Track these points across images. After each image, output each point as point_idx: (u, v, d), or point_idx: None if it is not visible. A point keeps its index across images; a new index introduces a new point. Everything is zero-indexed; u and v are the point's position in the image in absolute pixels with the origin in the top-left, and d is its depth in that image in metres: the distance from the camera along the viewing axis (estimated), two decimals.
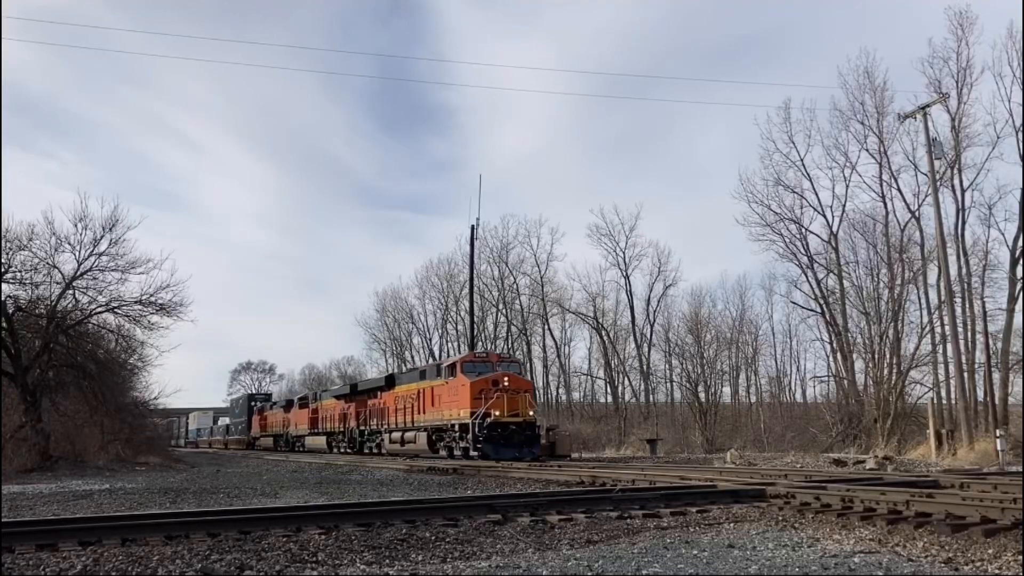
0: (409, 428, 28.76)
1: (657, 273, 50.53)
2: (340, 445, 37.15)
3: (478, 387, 23.98)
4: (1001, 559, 5.72)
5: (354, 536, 7.29)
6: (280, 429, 49.34)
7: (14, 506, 11.82)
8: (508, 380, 24.29)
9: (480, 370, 25.06)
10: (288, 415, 47.68)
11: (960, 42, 30.62)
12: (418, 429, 27.79)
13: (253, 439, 56.76)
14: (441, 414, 25.87)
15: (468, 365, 25.50)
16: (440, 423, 26.01)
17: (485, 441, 22.91)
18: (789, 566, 5.62)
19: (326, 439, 39.13)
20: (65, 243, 25.85)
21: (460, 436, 24.49)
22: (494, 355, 27.31)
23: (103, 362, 27.59)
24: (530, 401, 24.88)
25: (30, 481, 18.46)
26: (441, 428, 26.02)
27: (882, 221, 34.58)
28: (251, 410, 58.90)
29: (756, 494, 10.04)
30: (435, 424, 26.41)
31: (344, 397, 37.83)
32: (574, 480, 14.05)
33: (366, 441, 33.95)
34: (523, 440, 23.57)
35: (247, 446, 57.76)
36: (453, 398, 25.04)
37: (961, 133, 30.87)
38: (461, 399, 24.45)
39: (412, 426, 28.37)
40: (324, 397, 42.14)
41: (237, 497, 13.34)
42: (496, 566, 5.84)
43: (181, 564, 6.00)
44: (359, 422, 34.66)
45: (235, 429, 63.90)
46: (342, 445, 36.88)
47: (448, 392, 25.52)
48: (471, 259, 42.50)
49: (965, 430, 26.16)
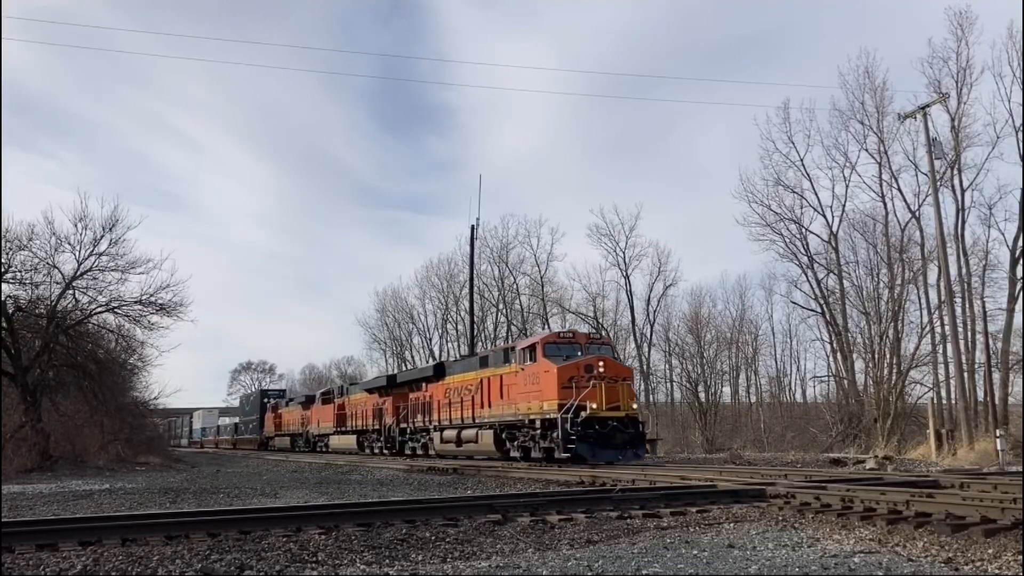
0: (467, 425, 24.37)
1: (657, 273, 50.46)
2: (374, 445, 33.02)
3: (567, 374, 19.62)
4: (1001, 559, 5.72)
5: (354, 536, 7.29)
6: (298, 427, 45.32)
7: (14, 506, 11.82)
8: (604, 365, 19.95)
9: (566, 353, 20.67)
10: (308, 412, 43.44)
11: (960, 42, 30.66)
12: (481, 426, 23.48)
13: (267, 438, 52.91)
14: (515, 407, 21.55)
15: (551, 347, 20.83)
16: (512, 418, 21.74)
17: (579, 440, 18.79)
18: (789, 566, 5.62)
19: (356, 439, 34.93)
20: (65, 243, 25.88)
21: (543, 434, 20.28)
22: (581, 335, 22.26)
23: (103, 362, 27.60)
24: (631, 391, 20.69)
25: (30, 481, 18.46)
26: (513, 425, 21.87)
27: (882, 221, 34.63)
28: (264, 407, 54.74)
29: (756, 494, 10.04)
30: (505, 420, 22.15)
31: (379, 391, 33.11)
32: (574, 480, 14.05)
33: (408, 440, 29.81)
34: (626, 439, 19.37)
35: (259, 446, 54.03)
36: (532, 388, 20.72)
37: (961, 133, 30.90)
38: (545, 389, 20.07)
39: (471, 422, 24.02)
40: (353, 391, 37.54)
41: (237, 497, 13.34)
42: (496, 566, 5.84)
43: (181, 564, 6.00)
44: (398, 419, 30.40)
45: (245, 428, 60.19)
46: (376, 445, 32.77)
47: (525, 381, 21.09)
48: (471, 259, 42.51)
49: (965, 430, 26.16)
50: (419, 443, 28.66)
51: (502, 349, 24.05)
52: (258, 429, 54.99)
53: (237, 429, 63.06)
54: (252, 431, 56.97)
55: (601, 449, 19.07)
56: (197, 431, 76.16)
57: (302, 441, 44.08)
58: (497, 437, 22.59)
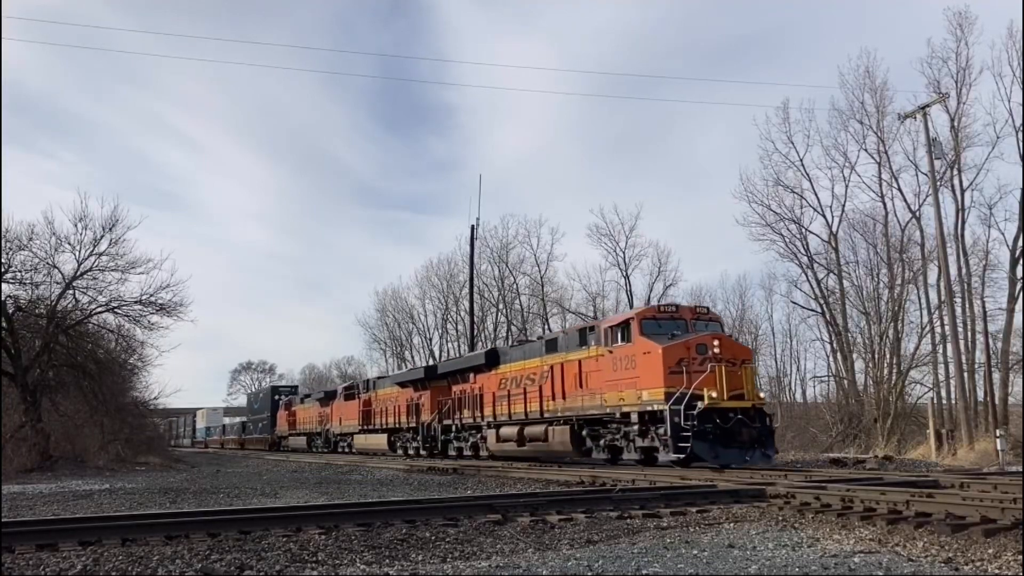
0: (532, 420, 20.81)
1: (657, 273, 50.39)
2: (408, 445, 29.56)
3: (675, 356, 16.12)
4: (1001, 559, 5.72)
5: (354, 536, 7.29)
6: (315, 426, 41.91)
7: (14, 506, 11.82)
8: (720, 345, 16.33)
9: (669, 330, 17.05)
10: (327, 409, 40.09)
11: (959, 42, 30.65)
12: (551, 421, 19.95)
13: (279, 438, 49.60)
14: (599, 398, 17.99)
15: (650, 324, 17.14)
16: (595, 411, 18.21)
17: (695, 437, 15.33)
18: (789, 566, 5.62)
19: (387, 438, 31.45)
20: (65, 243, 25.91)
21: (641, 431, 16.83)
22: (685, 308, 18.28)
23: (103, 362, 27.61)
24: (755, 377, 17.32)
25: (30, 481, 18.46)
26: (596, 419, 18.43)
27: (882, 221, 34.63)
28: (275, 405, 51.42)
29: (756, 494, 10.05)
30: (585, 413, 18.61)
31: (414, 384, 29.66)
32: (574, 480, 14.05)
33: (453, 440, 26.21)
34: (753, 436, 15.93)
35: (270, 446, 51.06)
36: (624, 374, 17.19)
37: (961, 133, 30.91)
38: (645, 374, 16.56)
39: (538, 417, 20.50)
40: (382, 385, 34.02)
41: (237, 497, 13.34)
42: (496, 566, 5.84)
43: (181, 564, 6.01)
44: (440, 415, 26.81)
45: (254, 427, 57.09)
46: (411, 445, 29.25)
47: (614, 365, 17.56)
48: (471, 259, 42.49)
49: (965, 430, 26.16)
50: (467, 442, 25.21)
51: (577, 330, 20.20)
52: (269, 428, 52.14)
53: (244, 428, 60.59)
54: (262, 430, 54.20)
55: (724, 448, 15.62)
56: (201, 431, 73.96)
57: (321, 441, 40.92)
58: (574, 434, 19.07)
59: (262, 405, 55.43)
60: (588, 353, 18.78)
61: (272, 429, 51.12)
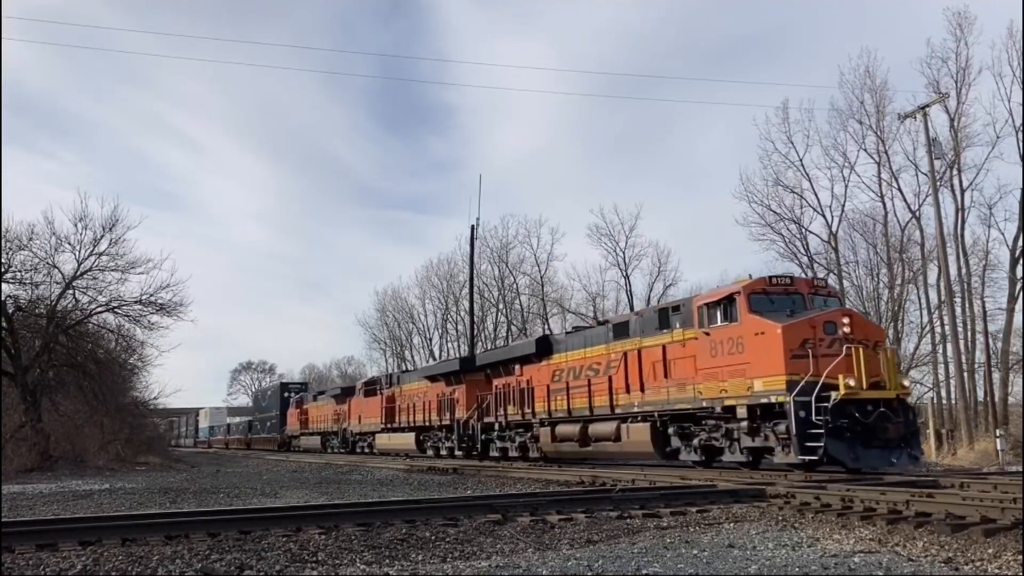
0: (599, 417, 18.04)
1: (657, 273, 50.36)
2: (442, 444, 26.80)
3: (798, 336, 13.36)
4: (1001, 559, 5.72)
5: (354, 536, 7.29)
6: (330, 425, 39.23)
7: (14, 506, 11.82)
8: (851, 323, 13.70)
9: (785, 307, 14.24)
10: (344, 407, 37.26)
11: (959, 42, 30.66)
12: (625, 417, 17.22)
13: (289, 438, 46.88)
14: (692, 389, 15.15)
15: (760, 299, 14.22)
16: (686, 405, 15.36)
17: (831, 436, 12.66)
18: (789, 566, 5.62)
19: (414, 437, 28.63)
20: (65, 243, 25.93)
21: (752, 428, 13.93)
22: (801, 280, 15.36)
23: (103, 362, 27.62)
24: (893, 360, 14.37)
25: (30, 481, 18.46)
26: (687, 415, 15.62)
27: (882, 221, 34.65)
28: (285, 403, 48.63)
29: (756, 494, 10.05)
30: (672, 407, 15.79)
31: (447, 377, 26.78)
32: (574, 480, 14.06)
33: (496, 439, 23.34)
34: (900, 434, 13.30)
35: (280, 446, 48.22)
36: (728, 359, 14.32)
37: (960, 133, 30.93)
38: (758, 359, 13.68)
39: (607, 413, 17.69)
40: (408, 379, 31.19)
41: (237, 497, 13.35)
42: (496, 566, 5.84)
43: (181, 564, 6.01)
44: (479, 411, 24.08)
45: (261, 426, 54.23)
46: (444, 445, 26.58)
47: (714, 349, 14.67)
48: (471, 259, 42.44)
49: (965, 430, 26.18)
50: (513, 442, 22.39)
51: (656, 311, 17.22)
52: (278, 427, 49.42)
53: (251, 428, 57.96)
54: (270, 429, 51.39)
55: (864, 448, 13.00)
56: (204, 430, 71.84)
57: (337, 441, 38.12)
58: (656, 433, 16.38)
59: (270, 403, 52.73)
60: (673, 337, 15.98)
61: (282, 428, 48.71)
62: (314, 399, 44.48)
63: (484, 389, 24.28)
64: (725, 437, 14.79)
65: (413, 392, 29.73)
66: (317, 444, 41.02)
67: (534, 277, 53.76)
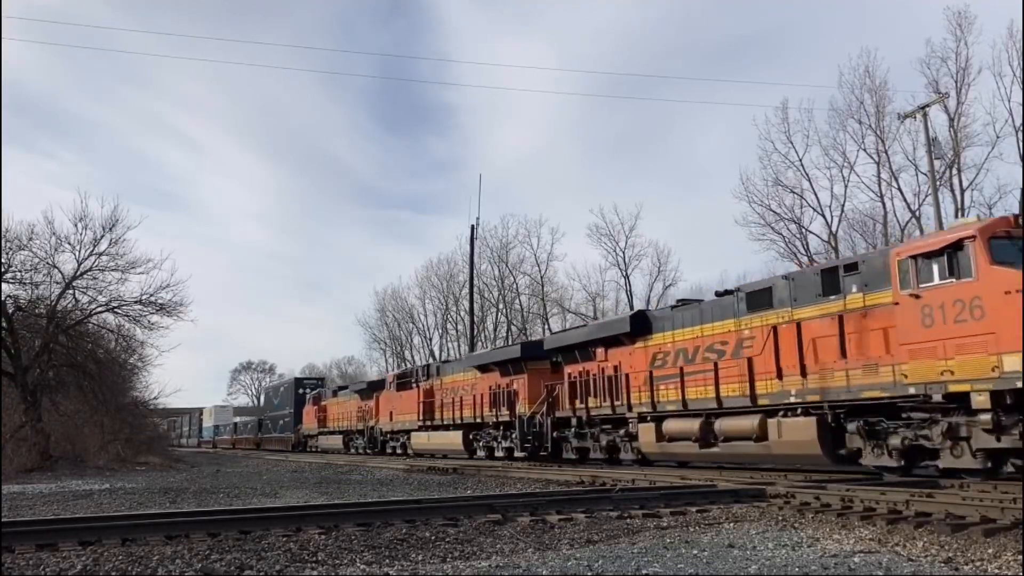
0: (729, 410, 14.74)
1: (657, 273, 50.48)
2: (498, 444, 23.29)
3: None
4: (1001, 559, 5.72)
5: (354, 536, 7.29)
6: (354, 423, 35.60)
7: (14, 506, 11.82)
8: None
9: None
10: (369, 403, 33.62)
11: (959, 42, 30.75)
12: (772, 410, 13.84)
13: (305, 437, 43.68)
14: (893, 372, 11.69)
15: (1004, 246, 10.77)
16: (880, 392, 11.93)
17: None
18: (789, 566, 5.62)
19: (462, 435, 24.95)
20: (65, 243, 25.94)
21: (998, 423, 10.36)
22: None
23: (103, 362, 27.62)
24: None
25: (30, 481, 18.46)
26: (876, 405, 12.16)
27: (881, 221, 34.71)
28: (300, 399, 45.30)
29: (756, 494, 10.05)
30: (856, 397, 12.32)
31: (504, 366, 23.28)
32: (574, 480, 14.05)
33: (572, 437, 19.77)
34: None
35: (294, 446, 45.00)
36: (958, 328, 10.72)
37: (960, 133, 30.97)
38: (1015, 326, 9.97)
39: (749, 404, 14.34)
40: (450, 370, 27.32)
41: (237, 497, 13.35)
42: (496, 566, 5.84)
43: (181, 564, 6.01)
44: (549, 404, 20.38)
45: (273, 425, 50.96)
46: (502, 444, 22.94)
47: (927, 316, 11.15)
48: (471, 259, 42.49)
49: None
50: (598, 441, 18.76)
51: (816, 272, 13.80)
52: (291, 426, 46.18)
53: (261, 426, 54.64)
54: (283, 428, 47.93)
55: None
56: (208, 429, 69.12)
57: (363, 440, 34.49)
58: (826, 429, 12.80)
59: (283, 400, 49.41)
60: (848, 304, 12.61)
61: (296, 427, 45.48)
62: (334, 395, 41.14)
63: (552, 378, 21.00)
64: (946, 435, 11.10)
65: (458, 384, 25.88)
66: (339, 444, 37.57)
67: (534, 277, 53.88)
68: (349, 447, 36.52)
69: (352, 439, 36.35)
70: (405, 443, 29.78)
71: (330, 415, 40.12)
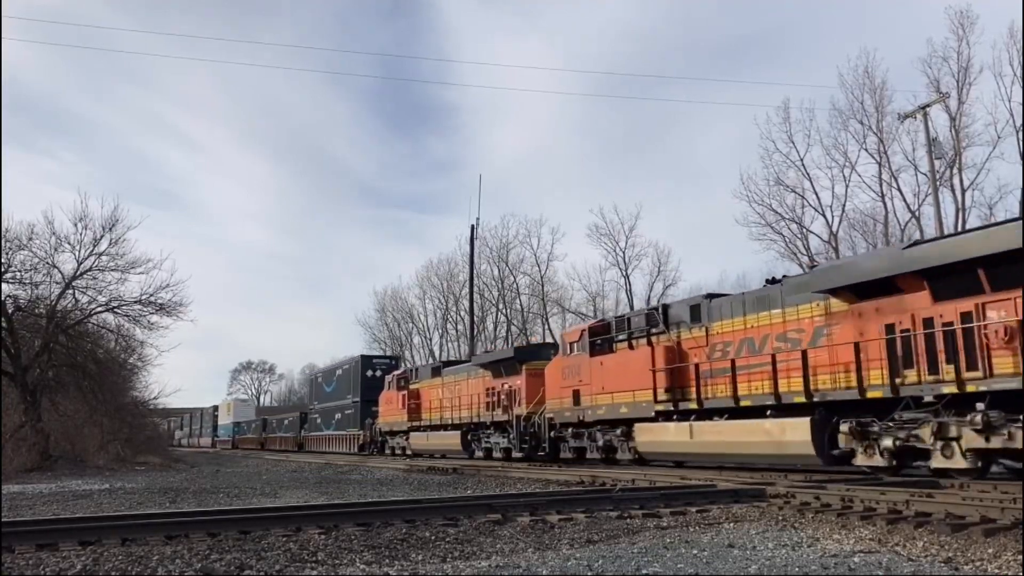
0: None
1: (657, 273, 50.53)
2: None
3: None
4: (1001, 559, 5.71)
5: (354, 536, 7.29)
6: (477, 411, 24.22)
7: (14, 506, 11.82)
8: None
9: None
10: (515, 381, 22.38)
11: (960, 42, 30.75)
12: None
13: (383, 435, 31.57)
14: None
15: None
16: None
17: None
18: (789, 566, 5.61)
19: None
20: (65, 243, 25.95)
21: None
22: None
23: (103, 362, 27.63)
24: None
25: (30, 481, 18.46)
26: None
27: (882, 221, 34.71)
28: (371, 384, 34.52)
29: (756, 493, 10.05)
30: None
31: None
32: (574, 480, 14.05)
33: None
34: None
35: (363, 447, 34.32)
36: None
37: (961, 133, 30.98)
38: None
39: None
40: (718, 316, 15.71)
41: (237, 497, 13.35)
42: (496, 566, 5.84)
43: (181, 564, 6.00)
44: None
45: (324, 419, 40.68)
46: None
47: None
48: (471, 259, 42.51)
49: None
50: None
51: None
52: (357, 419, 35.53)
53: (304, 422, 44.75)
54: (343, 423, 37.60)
55: None
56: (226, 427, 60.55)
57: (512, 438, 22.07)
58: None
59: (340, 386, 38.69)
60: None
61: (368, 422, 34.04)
62: (435, 375, 28.16)
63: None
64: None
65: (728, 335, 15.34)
66: (455, 443, 25.36)
67: (534, 277, 53.92)
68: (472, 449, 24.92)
69: (476, 436, 24.70)
70: (619, 443, 17.92)
71: (430, 402, 27.79)
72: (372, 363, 37.34)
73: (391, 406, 29.18)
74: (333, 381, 41.03)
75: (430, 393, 27.58)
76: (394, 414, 28.33)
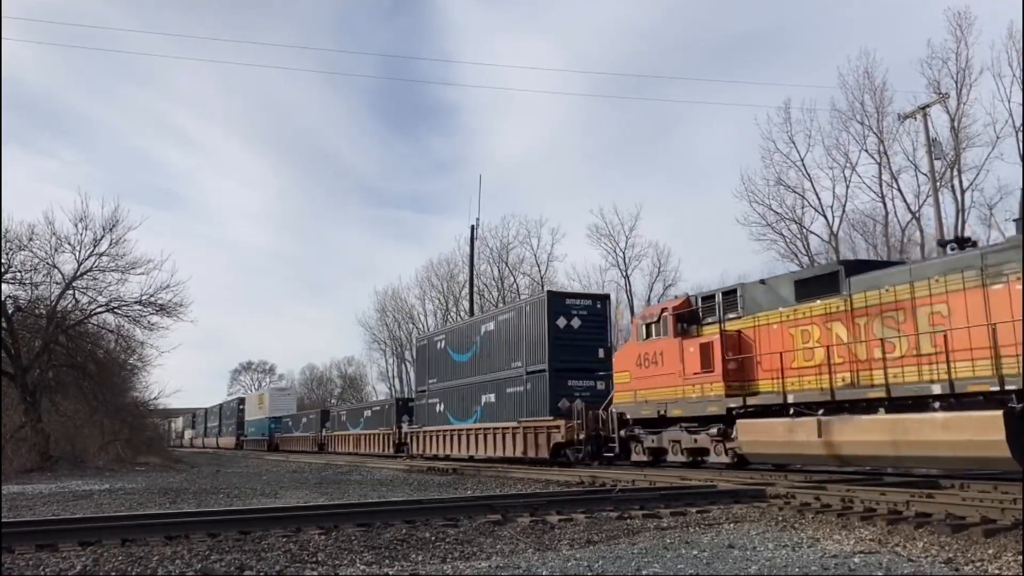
0: None
1: (657, 273, 50.48)
2: None
3: None
4: (1001, 559, 5.72)
5: (354, 536, 7.29)
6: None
7: (14, 506, 11.82)
8: None
9: None
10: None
11: (959, 42, 30.77)
12: None
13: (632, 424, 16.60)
14: None
15: None
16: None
17: None
18: (789, 566, 5.61)
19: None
20: (65, 243, 25.95)
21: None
22: None
23: (103, 362, 27.63)
24: None
25: (30, 481, 18.46)
26: None
27: (882, 221, 34.72)
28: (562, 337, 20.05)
29: (756, 494, 10.04)
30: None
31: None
32: (574, 480, 14.04)
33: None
34: None
35: (559, 448, 19.04)
36: None
37: (961, 133, 30.99)
38: None
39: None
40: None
41: (237, 497, 13.34)
42: (496, 566, 5.84)
43: (181, 564, 6.01)
44: None
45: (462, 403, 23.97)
46: None
47: None
48: (471, 259, 42.51)
49: None
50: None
51: None
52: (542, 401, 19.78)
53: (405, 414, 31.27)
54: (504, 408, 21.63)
55: None
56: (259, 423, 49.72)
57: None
58: None
59: (500, 347, 22.68)
60: None
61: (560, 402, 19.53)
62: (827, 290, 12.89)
63: None
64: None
65: None
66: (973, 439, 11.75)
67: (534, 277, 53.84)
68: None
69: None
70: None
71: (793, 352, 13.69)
72: (566, 305, 20.95)
73: (656, 368, 16.12)
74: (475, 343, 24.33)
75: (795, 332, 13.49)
76: (666, 382, 15.78)
